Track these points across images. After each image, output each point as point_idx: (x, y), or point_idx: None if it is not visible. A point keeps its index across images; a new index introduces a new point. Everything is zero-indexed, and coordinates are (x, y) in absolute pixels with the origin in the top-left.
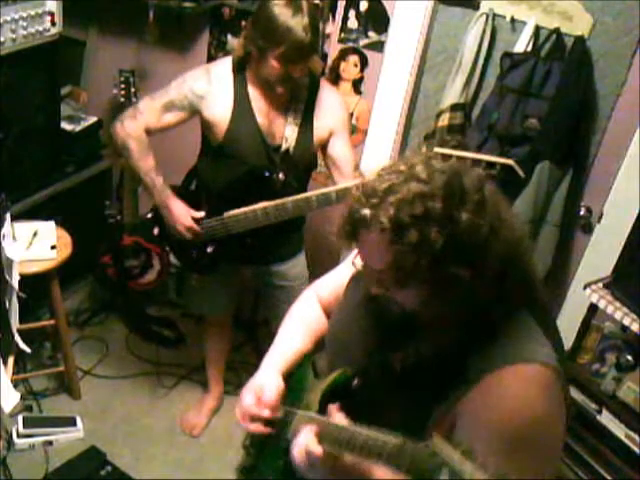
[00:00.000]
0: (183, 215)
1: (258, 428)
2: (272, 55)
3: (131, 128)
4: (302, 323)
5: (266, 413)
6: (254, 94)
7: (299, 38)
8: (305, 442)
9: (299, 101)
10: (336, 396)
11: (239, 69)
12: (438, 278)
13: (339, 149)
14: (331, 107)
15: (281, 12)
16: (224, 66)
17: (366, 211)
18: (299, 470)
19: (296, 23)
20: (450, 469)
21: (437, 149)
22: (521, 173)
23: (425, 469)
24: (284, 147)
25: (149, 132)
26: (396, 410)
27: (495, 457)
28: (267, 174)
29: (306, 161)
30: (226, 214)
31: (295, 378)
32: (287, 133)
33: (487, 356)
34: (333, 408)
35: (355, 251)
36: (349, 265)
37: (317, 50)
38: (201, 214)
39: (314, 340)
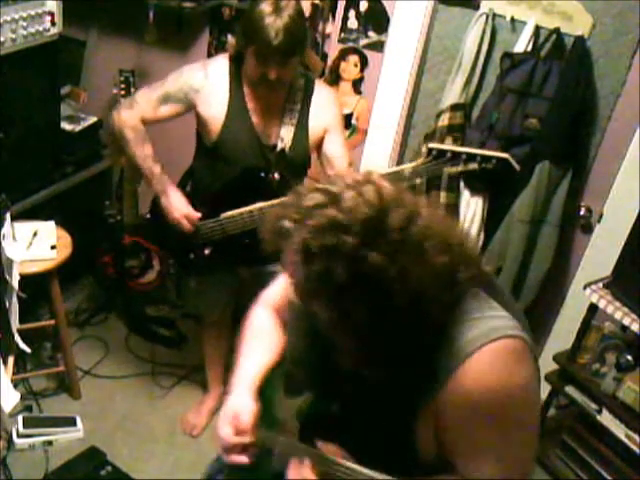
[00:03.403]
0: (181, 203)
1: (241, 459)
2: (248, 52)
3: (127, 117)
4: (262, 337)
5: (247, 440)
6: (249, 93)
7: (267, 39)
8: (303, 475)
9: (295, 102)
10: (314, 420)
11: (235, 68)
12: (340, 308)
13: (333, 147)
14: (325, 105)
15: (261, 11)
16: (221, 63)
17: (288, 224)
18: None
19: (269, 24)
20: None
21: (432, 145)
22: (516, 166)
23: None
24: (280, 147)
25: (145, 122)
26: (379, 429)
27: (489, 436)
28: (262, 174)
29: (301, 161)
30: (223, 215)
31: (265, 394)
32: (283, 133)
33: (451, 351)
34: (321, 442)
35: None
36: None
37: (293, 55)
38: (198, 215)
39: (278, 352)
